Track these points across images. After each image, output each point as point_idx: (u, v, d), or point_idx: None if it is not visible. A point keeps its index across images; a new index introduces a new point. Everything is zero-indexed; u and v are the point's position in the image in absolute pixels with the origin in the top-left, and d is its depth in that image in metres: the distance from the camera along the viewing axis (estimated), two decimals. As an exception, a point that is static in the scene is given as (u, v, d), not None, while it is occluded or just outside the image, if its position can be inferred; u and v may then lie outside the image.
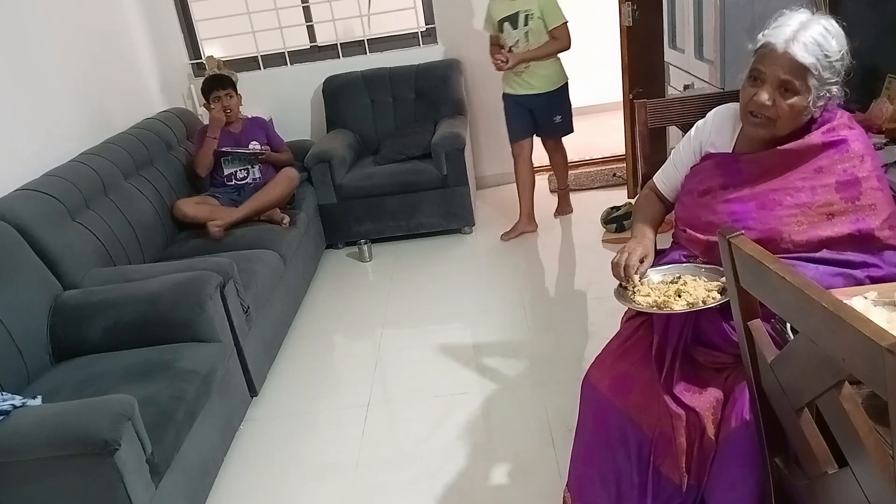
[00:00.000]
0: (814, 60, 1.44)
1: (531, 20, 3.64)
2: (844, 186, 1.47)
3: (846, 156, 1.48)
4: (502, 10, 3.66)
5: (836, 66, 1.46)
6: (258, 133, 3.72)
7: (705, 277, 1.55)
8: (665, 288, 1.56)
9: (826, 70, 1.46)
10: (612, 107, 5.48)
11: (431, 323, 3.20)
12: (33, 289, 2.38)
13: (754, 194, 1.55)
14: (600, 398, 1.62)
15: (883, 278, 1.44)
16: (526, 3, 3.63)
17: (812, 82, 1.46)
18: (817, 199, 1.48)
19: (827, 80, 1.47)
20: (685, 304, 1.49)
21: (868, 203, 1.47)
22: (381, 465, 2.35)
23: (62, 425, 1.76)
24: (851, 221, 1.47)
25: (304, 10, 4.48)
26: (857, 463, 1.00)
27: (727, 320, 1.53)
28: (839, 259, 1.46)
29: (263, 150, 3.64)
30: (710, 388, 1.51)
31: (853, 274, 1.44)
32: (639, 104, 1.99)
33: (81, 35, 3.44)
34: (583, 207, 4.22)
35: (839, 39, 1.46)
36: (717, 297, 1.48)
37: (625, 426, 1.56)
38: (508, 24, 3.67)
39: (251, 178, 3.62)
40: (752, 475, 1.38)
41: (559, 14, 3.69)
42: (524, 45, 3.68)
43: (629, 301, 1.58)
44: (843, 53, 1.46)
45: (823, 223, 1.48)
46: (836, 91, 1.49)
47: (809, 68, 1.44)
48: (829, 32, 1.46)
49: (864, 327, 0.84)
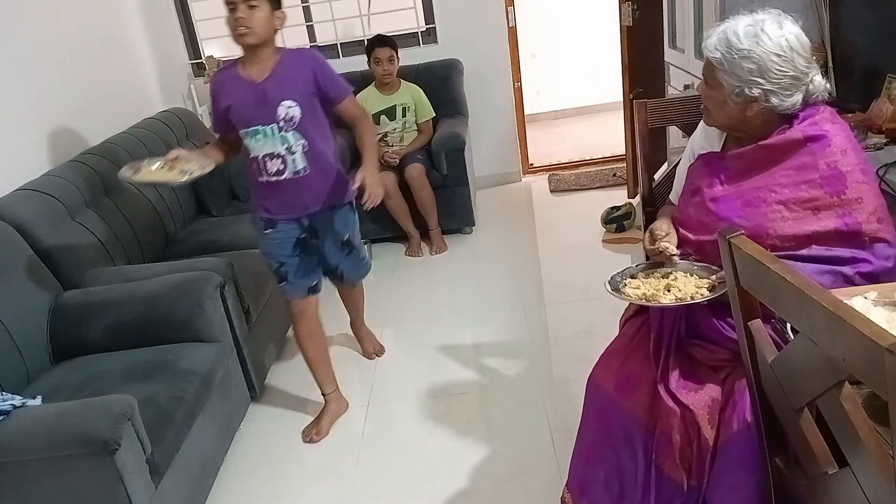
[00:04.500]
0: (719, 55, 1.48)
1: (408, 112, 4.00)
2: (828, 181, 1.47)
3: (829, 150, 1.48)
4: (379, 104, 3.96)
5: (751, 67, 1.43)
6: (297, 80, 2.18)
7: (697, 275, 1.58)
8: (656, 282, 1.59)
9: (735, 66, 1.45)
10: (612, 107, 5.49)
11: (431, 323, 3.20)
12: (33, 289, 2.38)
13: (740, 192, 1.56)
14: (606, 397, 1.62)
15: (873, 273, 1.44)
16: (402, 97, 3.98)
17: (722, 77, 1.48)
18: (801, 194, 1.49)
19: (744, 79, 1.45)
20: (673, 298, 1.52)
21: (854, 196, 1.46)
22: (381, 465, 2.35)
23: (62, 425, 1.76)
24: (838, 215, 1.46)
25: (304, 10, 4.48)
26: (857, 463, 1.00)
27: (718, 316, 1.56)
28: (827, 256, 1.46)
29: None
30: (706, 385, 1.52)
31: (842, 271, 1.44)
32: (639, 104, 1.98)
33: (81, 35, 3.44)
34: (583, 207, 4.22)
35: (762, 40, 1.43)
36: (706, 293, 1.51)
37: (630, 425, 1.57)
38: (385, 117, 3.97)
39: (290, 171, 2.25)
40: (754, 478, 1.38)
41: (430, 108, 4.04)
42: (400, 134, 4.00)
43: (620, 293, 1.60)
44: (764, 56, 1.43)
45: (809, 218, 1.48)
46: (763, 92, 1.45)
47: (714, 63, 1.49)
48: (751, 30, 1.44)
49: (864, 327, 0.84)
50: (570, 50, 6.11)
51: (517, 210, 4.50)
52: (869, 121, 2.24)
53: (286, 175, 2.23)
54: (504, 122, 4.69)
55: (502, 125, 4.69)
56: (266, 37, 2.12)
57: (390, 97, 3.97)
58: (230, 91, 2.19)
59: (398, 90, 3.99)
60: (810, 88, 1.49)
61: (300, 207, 2.30)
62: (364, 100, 3.97)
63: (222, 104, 2.21)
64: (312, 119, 2.21)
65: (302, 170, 2.23)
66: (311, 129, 2.22)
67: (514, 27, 4.53)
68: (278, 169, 2.22)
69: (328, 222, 2.37)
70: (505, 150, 4.76)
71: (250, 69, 2.17)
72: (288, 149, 2.20)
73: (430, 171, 3.88)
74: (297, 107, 2.16)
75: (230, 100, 2.19)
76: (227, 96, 2.20)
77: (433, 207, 3.89)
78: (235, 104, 2.18)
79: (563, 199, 4.48)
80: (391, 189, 3.80)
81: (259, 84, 2.16)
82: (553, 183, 4.65)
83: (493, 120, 4.64)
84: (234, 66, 2.21)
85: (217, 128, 2.32)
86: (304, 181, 2.25)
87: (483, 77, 4.48)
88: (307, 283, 2.43)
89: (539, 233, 4.11)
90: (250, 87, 2.16)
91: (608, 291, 1.60)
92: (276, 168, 2.22)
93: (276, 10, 2.13)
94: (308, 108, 2.19)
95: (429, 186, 3.85)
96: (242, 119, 2.19)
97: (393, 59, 3.91)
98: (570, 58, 6.14)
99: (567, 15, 6.04)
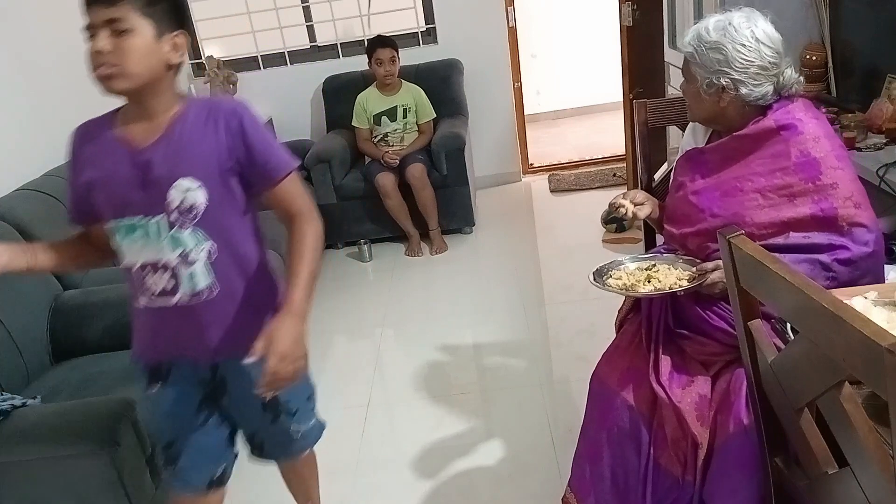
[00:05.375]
0: (691, 50, 1.55)
1: (409, 113, 4.00)
2: (802, 167, 1.50)
3: (800, 137, 1.51)
4: (379, 105, 3.98)
5: (719, 58, 1.50)
6: (203, 148, 1.39)
7: (681, 267, 1.61)
8: (639, 273, 1.64)
9: (704, 58, 1.52)
10: (612, 107, 5.49)
11: (431, 322, 3.20)
12: (33, 289, 2.38)
13: (718, 183, 1.60)
14: (609, 393, 1.64)
15: (851, 259, 1.45)
16: (403, 98, 3.99)
17: (695, 70, 1.56)
18: (776, 181, 1.51)
19: (713, 70, 1.51)
20: (652, 289, 1.56)
21: (829, 182, 1.48)
22: (381, 465, 2.35)
23: (62, 425, 1.77)
24: (813, 201, 1.48)
25: (304, 10, 4.48)
26: (857, 463, 1.00)
27: (703, 307, 1.59)
28: (804, 244, 1.48)
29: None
30: (696, 380, 1.55)
31: (819, 259, 1.45)
32: (639, 104, 1.99)
33: (82, 35, 3.44)
34: (583, 207, 4.22)
35: (730, 32, 1.49)
36: (685, 284, 1.54)
37: (635, 419, 1.58)
38: (386, 118, 3.98)
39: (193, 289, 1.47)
40: (753, 480, 1.39)
41: (431, 109, 4.05)
42: (401, 135, 3.99)
43: (602, 283, 1.63)
44: (730, 47, 1.49)
45: (785, 205, 1.51)
46: (731, 82, 1.51)
47: (688, 58, 1.57)
48: (720, 24, 1.51)
49: (864, 327, 0.84)
50: (570, 50, 6.11)
51: (517, 210, 4.50)
52: (869, 121, 2.24)
53: (178, 298, 1.40)
54: (504, 122, 4.69)
55: (502, 125, 4.69)
56: (148, 77, 1.31)
57: (391, 98, 3.97)
58: (95, 157, 1.38)
59: (399, 91, 3.99)
60: (781, 80, 1.52)
61: (201, 350, 1.46)
62: (365, 101, 3.98)
63: (81, 177, 1.40)
64: (226, 209, 1.40)
65: (205, 290, 1.40)
66: (225, 226, 1.40)
67: (514, 27, 4.53)
68: (166, 288, 1.39)
69: (243, 373, 1.42)
70: (505, 150, 4.76)
71: (131, 128, 1.37)
72: (183, 256, 1.38)
73: (431, 170, 3.88)
74: (200, 189, 1.35)
75: (94, 171, 1.38)
76: (91, 165, 1.38)
77: (434, 207, 3.89)
78: (101, 179, 1.37)
79: (563, 199, 4.48)
80: (391, 189, 3.80)
81: (141, 152, 1.35)
82: (553, 183, 4.65)
83: (493, 120, 4.64)
84: (108, 120, 1.40)
85: (74, 215, 1.48)
86: (208, 309, 1.41)
87: (483, 77, 4.49)
88: (209, 473, 1.57)
89: (539, 233, 4.12)
90: (126, 156, 1.35)
91: (591, 282, 1.64)
92: (161, 286, 1.40)
93: (166, 35, 1.32)
94: (219, 193, 1.38)
95: (430, 186, 3.85)
96: (111, 204, 1.38)
97: (395, 59, 3.92)
98: (570, 58, 6.14)
99: (567, 15, 6.04)
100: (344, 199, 3.97)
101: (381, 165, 3.88)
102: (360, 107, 3.99)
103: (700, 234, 1.61)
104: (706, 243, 1.60)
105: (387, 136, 3.98)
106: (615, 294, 1.65)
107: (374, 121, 3.98)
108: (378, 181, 3.82)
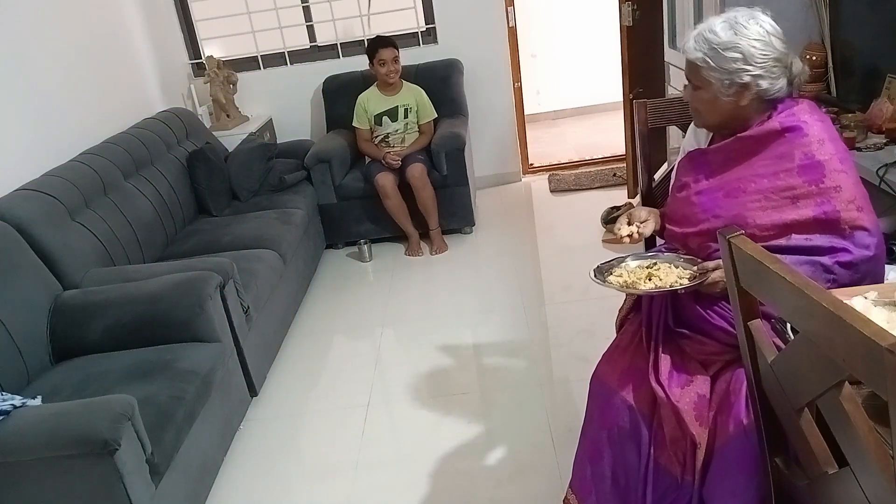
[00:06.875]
0: (701, 55, 1.53)
1: (410, 113, 3.99)
2: (806, 169, 1.50)
3: (805, 140, 1.50)
4: (380, 105, 3.97)
5: (736, 56, 1.49)
6: None
7: (682, 266, 1.61)
8: (640, 271, 1.63)
9: (720, 60, 1.50)
10: (612, 107, 5.49)
11: (431, 323, 3.20)
12: (33, 289, 2.38)
13: (721, 183, 1.60)
14: (610, 392, 1.64)
15: (852, 262, 1.45)
16: (404, 98, 3.98)
17: (709, 74, 1.53)
18: (779, 183, 1.51)
19: (732, 70, 1.50)
20: (652, 286, 1.56)
21: (832, 185, 1.48)
22: (381, 465, 2.35)
23: (62, 425, 1.76)
24: (816, 204, 1.48)
25: (304, 10, 4.48)
26: (857, 463, 1.00)
27: (702, 306, 1.59)
28: (806, 246, 1.47)
29: None
30: (695, 380, 1.55)
31: (820, 261, 1.45)
32: (639, 104, 1.99)
33: (81, 35, 3.44)
34: (583, 207, 4.22)
35: (740, 30, 1.49)
36: (686, 282, 1.54)
37: (635, 419, 1.58)
38: (387, 118, 3.97)
39: None
40: (753, 481, 1.39)
41: (432, 109, 4.05)
42: (402, 135, 3.99)
43: (603, 280, 1.63)
44: (745, 43, 1.48)
45: (788, 207, 1.50)
46: (753, 78, 1.49)
47: (698, 63, 1.54)
48: (726, 24, 1.51)
49: (864, 327, 0.84)
50: (570, 50, 6.11)
51: (517, 210, 4.50)
52: (869, 121, 2.24)
53: None
54: (504, 122, 4.69)
55: (502, 125, 4.69)
56: None
57: (392, 98, 3.97)
58: None
59: (400, 91, 3.99)
60: (793, 70, 1.53)
61: None
62: (366, 101, 3.97)
63: None
64: None
65: None
66: None
67: (514, 27, 4.53)
68: None
69: None
70: (505, 150, 4.76)
71: None
72: None
73: (431, 170, 3.88)
74: None
75: None
76: None
77: (434, 207, 3.89)
78: None
79: (563, 199, 4.48)
80: (391, 189, 3.80)
81: None
82: (553, 183, 4.65)
83: (493, 120, 4.64)
84: None
85: None
86: None
87: (483, 77, 4.48)
88: None
89: (539, 233, 4.11)
90: None
91: (592, 278, 1.64)
92: None
93: None
94: None
95: (430, 186, 3.85)
96: None
97: (397, 59, 3.91)
98: (570, 58, 6.14)
99: (567, 15, 6.04)
100: (344, 199, 3.97)
101: (381, 165, 3.88)
102: (360, 107, 3.98)
103: (702, 234, 1.61)
104: (707, 243, 1.60)
105: (388, 136, 3.98)
106: (615, 291, 1.64)
107: (375, 121, 3.98)
108: (378, 181, 3.81)
